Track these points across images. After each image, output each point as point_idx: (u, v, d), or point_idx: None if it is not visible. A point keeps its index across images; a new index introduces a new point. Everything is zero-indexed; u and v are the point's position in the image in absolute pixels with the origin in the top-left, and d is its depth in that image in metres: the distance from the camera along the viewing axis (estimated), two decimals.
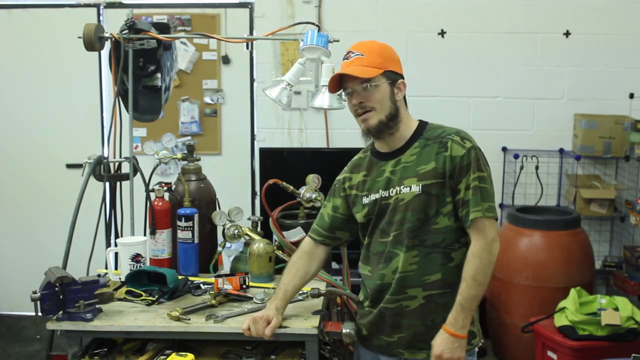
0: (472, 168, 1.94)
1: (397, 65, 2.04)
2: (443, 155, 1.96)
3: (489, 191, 1.97)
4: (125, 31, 2.68)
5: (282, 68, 4.42)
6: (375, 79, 1.97)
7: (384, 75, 1.99)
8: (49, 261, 2.42)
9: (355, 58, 1.99)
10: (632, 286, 3.83)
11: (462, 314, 1.91)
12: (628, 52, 4.32)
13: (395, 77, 2.01)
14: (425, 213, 1.96)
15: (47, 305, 2.05)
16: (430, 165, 1.96)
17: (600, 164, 4.36)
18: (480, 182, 1.95)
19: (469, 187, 1.94)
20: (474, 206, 1.93)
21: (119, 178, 2.83)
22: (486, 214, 1.93)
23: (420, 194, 1.95)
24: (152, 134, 4.59)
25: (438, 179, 1.95)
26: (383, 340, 2.06)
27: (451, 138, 1.98)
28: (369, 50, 2.00)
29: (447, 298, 1.97)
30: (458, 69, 4.39)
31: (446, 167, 1.95)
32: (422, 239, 1.97)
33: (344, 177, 2.16)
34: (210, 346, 2.17)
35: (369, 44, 2.04)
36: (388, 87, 2.00)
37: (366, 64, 1.98)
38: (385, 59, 2.01)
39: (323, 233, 2.17)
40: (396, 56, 2.06)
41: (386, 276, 2.01)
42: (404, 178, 1.99)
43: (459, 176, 1.94)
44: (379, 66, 1.98)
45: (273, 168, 4.04)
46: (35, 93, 4.67)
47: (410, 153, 2.01)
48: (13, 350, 4.33)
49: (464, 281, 1.92)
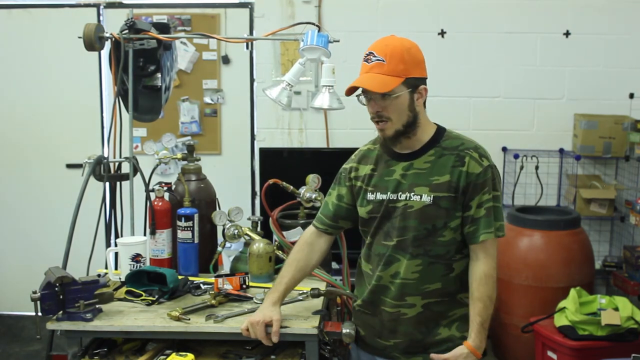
0: (487, 187, 1.93)
1: (420, 69, 1.94)
2: (459, 170, 1.93)
3: (501, 210, 1.98)
4: (125, 31, 2.68)
5: (282, 68, 4.42)
6: (395, 90, 1.89)
7: (404, 83, 1.90)
8: (49, 261, 2.42)
9: (375, 64, 1.90)
10: (632, 286, 3.83)
11: (482, 334, 1.93)
12: (628, 52, 4.32)
13: (417, 83, 1.93)
14: (433, 225, 1.94)
15: (47, 305, 2.05)
16: (444, 177, 1.94)
17: (600, 164, 4.36)
18: (495, 202, 1.95)
19: (481, 205, 1.93)
20: (486, 227, 1.93)
21: (119, 178, 2.83)
22: (497, 233, 1.94)
23: (431, 204, 1.93)
24: (152, 134, 4.59)
25: (450, 192, 1.93)
26: (379, 344, 2.06)
27: (469, 153, 1.94)
28: (390, 54, 1.89)
29: (444, 306, 1.99)
30: (458, 69, 4.39)
31: (460, 182, 1.92)
32: (427, 249, 1.96)
33: (351, 166, 2.12)
34: (210, 346, 2.17)
35: (391, 45, 1.92)
36: (408, 96, 1.92)
37: (386, 72, 1.88)
38: (408, 64, 1.90)
39: (326, 222, 2.15)
40: (420, 57, 1.96)
41: (383, 278, 2.01)
42: (415, 185, 1.96)
43: (473, 193, 1.93)
44: (400, 74, 1.89)
45: (273, 168, 4.03)
46: (35, 93, 4.67)
47: (425, 160, 1.97)
48: (13, 350, 4.33)
49: (480, 302, 1.92)
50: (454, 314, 2.01)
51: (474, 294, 1.94)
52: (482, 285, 1.93)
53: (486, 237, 1.93)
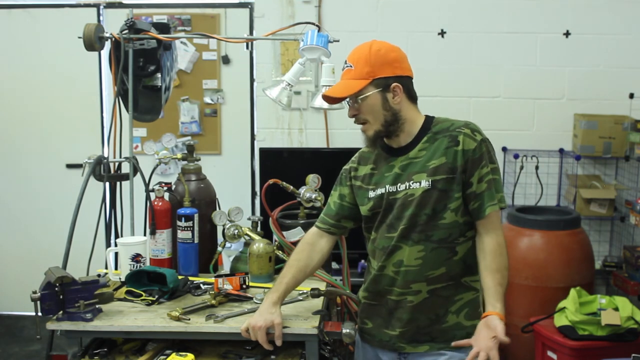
0: (484, 160, 1.96)
1: (389, 69, 1.97)
2: (454, 150, 1.95)
3: (500, 182, 2.01)
4: (125, 31, 2.68)
5: (282, 68, 4.43)
6: (361, 92, 1.95)
7: (371, 84, 1.95)
8: (49, 261, 2.42)
9: (346, 71, 1.99)
10: (632, 286, 3.83)
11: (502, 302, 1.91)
12: (628, 52, 4.32)
13: (387, 82, 1.96)
14: (433, 208, 1.96)
15: (47, 305, 2.05)
16: (440, 160, 1.96)
17: (600, 164, 4.36)
18: (494, 174, 1.98)
19: (482, 180, 1.95)
20: (490, 199, 1.95)
21: (119, 178, 2.83)
22: (500, 205, 1.97)
23: (430, 189, 1.95)
24: (152, 134, 4.60)
25: (448, 174, 1.95)
26: (386, 335, 2.06)
27: (462, 131, 1.97)
28: (357, 59, 1.97)
29: (450, 290, 1.99)
30: (458, 69, 4.39)
31: (457, 161, 1.95)
32: (429, 234, 1.97)
33: (351, 167, 2.16)
34: (210, 346, 2.17)
35: (360, 50, 1.99)
36: (379, 95, 1.96)
37: (353, 77, 1.96)
38: (374, 66, 1.95)
39: (329, 221, 2.16)
40: (391, 56, 1.98)
41: (386, 267, 2.02)
42: (413, 173, 1.99)
43: (472, 169, 1.95)
44: (366, 76, 1.95)
45: (273, 168, 4.04)
46: (35, 93, 4.67)
47: (419, 148, 2.01)
48: (13, 350, 4.33)
49: (499, 272, 1.92)
50: (461, 298, 2.01)
51: (491, 265, 1.93)
52: (497, 256, 1.94)
53: (492, 210, 1.95)
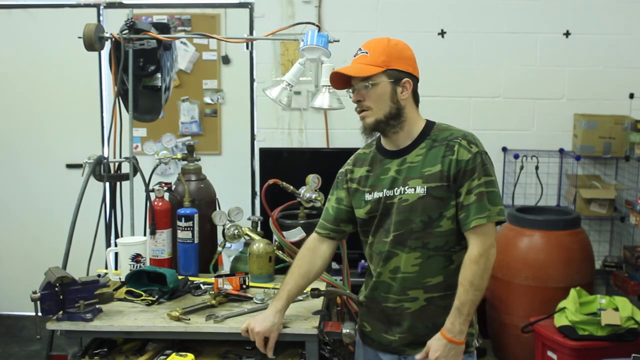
0: (477, 173, 1.93)
1: (404, 64, 1.99)
2: (449, 159, 1.94)
3: (497, 194, 1.96)
4: (125, 31, 2.68)
5: (282, 68, 4.43)
6: (373, 78, 1.96)
7: (385, 73, 1.96)
8: (49, 261, 2.42)
9: (360, 56, 1.99)
10: (632, 286, 3.83)
11: (459, 319, 1.90)
12: (628, 52, 4.32)
13: (400, 76, 1.98)
14: (429, 216, 1.95)
15: (47, 305, 2.05)
16: (436, 167, 1.95)
17: (600, 164, 4.36)
18: (487, 187, 1.94)
19: (471, 192, 1.93)
20: (477, 212, 1.91)
21: (119, 178, 2.83)
22: (495, 218, 1.93)
23: (425, 196, 1.94)
24: (152, 134, 4.59)
25: (443, 182, 1.94)
26: (385, 339, 2.06)
27: (458, 142, 1.96)
28: (374, 47, 1.99)
29: (448, 300, 1.97)
30: (458, 69, 4.39)
31: (451, 170, 1.93)
32: (425, 242, 1.96)
33: (346, 169, 2.15)
34: (210, 346, 2.17)
35: (377, 41, 2.01)
36: (389, 86, 1.97)
37: (368, 62, 1.97)
38: (390, 56, 1.97)
39: (328, 226, 2.15)
40: (407, 53, 2.02)
41: (383, 274, 2.02)
42: (408, 178, 1.98)
43: (462, 180, 1.93)
44: (381, 64, 1.96)
45: (273, 168, 4.04)
46: (35, 93, 4.67)
47: (416, 153, 2.00)
48: (13, 350, 4.33)
49: (461, 286, 1.91)
50: None
51: (460, 277, 1.92)
52: (463, 269, 1.92)
53: (478, 223, 1.91)
